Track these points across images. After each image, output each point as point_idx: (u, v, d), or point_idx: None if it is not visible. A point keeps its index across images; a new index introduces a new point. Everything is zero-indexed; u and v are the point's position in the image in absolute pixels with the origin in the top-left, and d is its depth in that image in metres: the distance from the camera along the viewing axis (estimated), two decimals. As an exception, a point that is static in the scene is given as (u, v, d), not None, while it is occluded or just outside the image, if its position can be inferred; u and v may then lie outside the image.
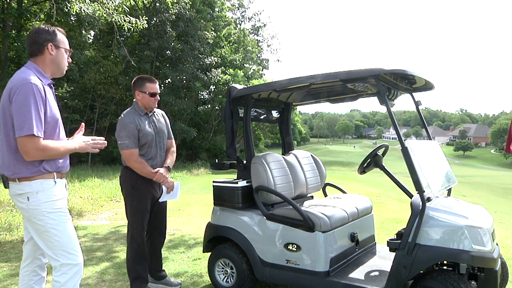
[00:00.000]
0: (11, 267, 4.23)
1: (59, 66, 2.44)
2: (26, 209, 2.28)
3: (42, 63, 2.37)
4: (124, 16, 11.39)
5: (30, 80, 2.20)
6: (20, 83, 2.18)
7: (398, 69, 2.86)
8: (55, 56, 2.38)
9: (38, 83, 2.22)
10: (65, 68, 2.48)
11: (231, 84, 3.80)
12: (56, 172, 2.36)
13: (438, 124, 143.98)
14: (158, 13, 22.28)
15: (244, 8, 35.11)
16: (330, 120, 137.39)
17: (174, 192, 3.51)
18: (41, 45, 2.34)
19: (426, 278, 2.67)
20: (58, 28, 2.44)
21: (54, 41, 2.37)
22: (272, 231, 3.27)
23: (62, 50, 2.41)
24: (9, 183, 2.30)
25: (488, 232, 2.68)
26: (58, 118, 2.36)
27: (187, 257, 4.62)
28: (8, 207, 6.96)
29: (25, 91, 2.16)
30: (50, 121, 2.28)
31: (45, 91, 2.25)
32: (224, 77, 23.78)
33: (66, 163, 2.46)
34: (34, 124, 2.14)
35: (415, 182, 2.69)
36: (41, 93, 2.21)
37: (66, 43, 2.46)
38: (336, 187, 4.45)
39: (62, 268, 2.31)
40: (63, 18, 16.33)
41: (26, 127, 2.13)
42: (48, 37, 2.35)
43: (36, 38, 2.34)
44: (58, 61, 2.41)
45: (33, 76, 2.25)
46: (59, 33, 2.42)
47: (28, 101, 2.15)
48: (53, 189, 2.32)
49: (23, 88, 2.17)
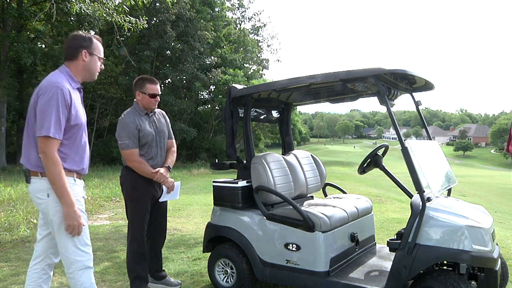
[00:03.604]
0: (11, 267, 4.23)
1: (91, 73, 2.51)
2: (45, 205, 2.34)
3: (74, 68, 2.44)
4: (124, 16, 11.38)
5: (57, 84, 2.27)
6: (48, 86, 2.27)
7: (398, 69, 2.86)
8: (87, 62, 2.45)
9: (65, 88, 2.29)
10: (96, 74, 2.55)
11: (231, 84, 3.79)
12: (76, 173, 2.43)
13: (438, 124, 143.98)
14: (158, 13, 22.28)
15: (244, 8, 35.08)
16: (330, 120, 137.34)
17: (174, 192, 3.51)
18: (75, 50, 2.41)
19: (426, 278, 2.67)
20: (95, 36, 2.51)
21: (88, 48, 2.44)
22: (272, 231, 3.27)
23: (95, 57, 2.48)
24: (31, 178, 2.35)
25: (488, 232, 2.68)
26: (82, 122, 2.43)
27: (187, 257, 4.62)
28: (8, 207, 6.97)
29: (51, 93, 2.24)
30: (74, 125, 2.35)
31: (71, 96, 2.31)
32: (224, 77, 23.77)
33: (86, 165, 2.53)
34: (53, 126, 2.21)
35: (415, 182, 2.69)
36: (65, 98, 2.27)
37: (101, 51, 2.53)
38: (336, 187, 4.45)
39: (73, 265, 2.37)
40: (63, 18, 16.35)
41: (45, 128, 2.20)
42: (84, 43, 2.43)
43: (72, 44, 2.43)
44: (90, 67, 2.48)
45: (63, 80, 2.34)
46: (95, 41, 2.48)
47: (51, 103, 2.22)
48: (73, 188, 2.37)
49: (49, 90, 2.25)
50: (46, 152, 2.22)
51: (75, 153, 2.41)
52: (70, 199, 2.27)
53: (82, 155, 2.46)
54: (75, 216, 2.29)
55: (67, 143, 2.35)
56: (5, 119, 17.31)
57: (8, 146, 19.84)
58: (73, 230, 2.30)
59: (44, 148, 2.22)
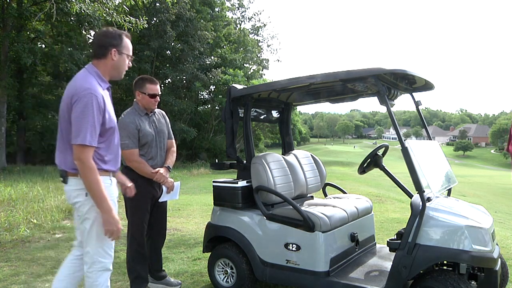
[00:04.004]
0: (11, 267, 4.23)
1: (119, 71, 2.48)
2: (81, 204, 2.35)
3: (103, 67, 2.41)
4: (124, 16, 11.38)
5: (91, 90, 2.25)
6: (82, 92, 2.23)
7: (398, 69, 2.86)
8: (116, 61, 2.41)
9: (98, 94, 2.27)
10: (124, 72, 2.53)
11: (231, 84, 3.79)
12: (112, 172, 2.46)
13: (438, 124, 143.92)
14: (158, 13, 22.28)
15: (244, 8, 35.09)
16: (330, 120, 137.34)
17: (174, 192, 3.51)
18: (105, 49, 2.37)
19: (426, 278, 2.67)
20: (125, 33, 2.47)
21: (118, 47, 2.40)
22: (272, 231, 3.27)
23: (124, 56, 2.44)
24: (68, 179, 2.36)
25: (488, 232, 2.68)
26: (115, 124, 2.44)
27: (187, 257, 4.62)
28: (8, 207, 6.96)
29: (85, 100, 2.21)
30: (109, 128, 2.36)
31: (104, 101, 2.30)
32: (224, 77, 23.77)
33: (119, 164, 2.55)
34: (88, 134, 2.20)
35: (415, 182, 2.69)
36: (99, 104, 2.26)
37: (130, 49, 2.49)
38: (336, 187, 4.45)
39: (96, 265, 2.39)
40: (63, 18, 16.34)
41: (81, 136, 2.19)
42: (114, 42, 2.38)
43: (102, 41, 2.39)
44: (119, 66, 2.45)
45: (95, 83, 2.31)
46: (125, 39, 2.44)
47: (87, 111, 2.21)
48: (109, 188, 2.40)
49: (84, 97, 2.22)
50: (82, 159, 2.22)
51: (111, 154, 2.43)
52: (108, 205, 2.27)
53: (116, 155, 2.49)
54: (113, 221, 2.29)
55: (104, 145, 2.37)
56: (5, 119, 17.30)
57: (8, 146, 19.84)
58: (112, 235, 2.32)
59: (80, 156, 2.22)
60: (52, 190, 9.19)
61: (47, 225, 6.12)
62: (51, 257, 4.60)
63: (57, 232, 5.82)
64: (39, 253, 4.74)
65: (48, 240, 5.41)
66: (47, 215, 6.51)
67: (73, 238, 5.46)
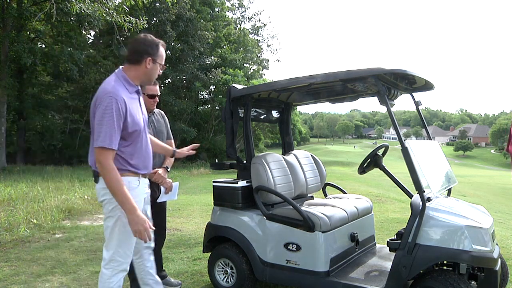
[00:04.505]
0: (11, 267, 4.23)
1: (150, 79, 2.53)
2: (107, 202, 2.39)
3: (134, 72, 2.44)
4: (124, 16, 11.39)
5: (111, 93, 2.27)
6: (104, 95, 2.27)
7: (398, 69, 2.86)
8: (149, 69, 2.44)
9: (119, 97, 2.28)
10: (154, 79, 2.60)
11: (231, 84, 3.79)
12: (141, 174, 2.49)
13: (438, 124, 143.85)
14: (158, 13, 22.30)
15: (244, 8, 35.11)
16: (330, 120, 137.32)
17: (172, 193, 3.51)
18: (140, 56, 2.40)
19: (426, 278, 2.67)
20: (161, 42, 2.49)
21: (153, 56, 2.42)
22: (272, 231, 3.27)
23: (157, 64, 2.47)
24: (99, 178, 2.40)
25: (488, 232, 2.68)
26: (141, 126, 2.45)
27: (187, 257, 4.62)
28: (8, 207, 6.97)
29: (105, 104, 2.25)
30: (132, 132, 2.38)
31: (126, 104, 2.31)
32: (224, 77, 23.78)
33: (150, 165, 2.60)
34: (108, 137, 2.23)
35: (415, 182, 2.69)
36: (120, 107, 2.27)
37: (163, 58, 2.51)
38: (336, 187, 4.45)
39: (113, 263, 2.42)
40: (63, 18, 16.34)
41: (100, 139, 2.23)
42: (150, 50, 2.41)
43: (138, 48, 2.41)
44: (151, 74, 2.48)
45: (119, 86, 2.34)
46: (161, 48, 2.47)
47: (106, 114, 2.24)
48: (136, 190, 2.45)
49: (104, 100, 2.25)
50: (101, 162, 2.24)
51: (138, 156, 2.46)
52: (131, 205, 2.26)
53: (145, 156, 2.52)
54: (139, 221, 2.27)
55: (129, 149, 2.40)
56: (5, 119, 17.31)
57: (8, 146, 19.84)
58: (140, 235, 2.29)
59: (99, 158, 2.25)
60: (52, 190, 9.20)
61: (47, 225, 6.12)
62: (51, 257, 4.60)
63: (57, 232, 5.82)
64: (39, 253, 4.74)
65: (48, 240, 5.41)
66: (47, 215, 6.52)
67: (73, 238, 5.49)
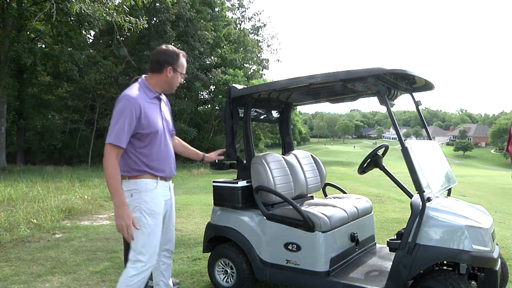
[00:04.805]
0: (11, 267, 4.23)
1: (171, 87, 2.68)
2: (128, 204, 2.45)
3: (156, 80, 2.60)
4: (124, 16, 11.39)
5: (127, 96, 2.44)
6: (121, 97, 2.46)
7: (398, 69, 2.86)
8: (170, 78, 2.60)
9: (135, 100, 2.43)
10: (175, 88, 2.73)
11: (231, 84, 3.79)
12: (159, 176, 2.59)
13: (438, 124, 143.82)
14: (158, 13, 22.30)
15: (244, 8, 35.10)
16: (330, 120, 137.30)
17: None
18: (161, 65, 2.57)
19: (426, 278, 2.67)
20: (182, 53, 2.65)
21: (174, 65, 2.58)
22: (272, 231, 3.27)
23: (178, 73, 2.63)
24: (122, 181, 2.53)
25: (488, 232, 2.68)
26: (158, 129, 2.55)
27: (187, 257, 4.62)
28: (8, 207, 6.97)
29: (120, 105, 2.42)
30: (148, 133, 2.50)
31: (141, 107, 2.44)
32: (224, 77, 23.78)
33: (170, 168, 2.68)
34: (115, 134, 2.38)
35: (415, 182, 2.69)
36: (133, 109, 2.41)
37: (184, 68, 2.67)
38: (336, 187, 4.45)
39: (137, 263, 2.52)
40: (63, 18, 16.35)
41: (110, 136, 2.39)
42: (170, 60, 2.57)
43: (159, 58, 2.58)
44: (172, 82, 2.64)
45: (138, 91, 2.50)
46: (182, 58, 2.63)
47: (118, 114, 2.40)
48: (154, 192, 2.55)
49: (120, 101, 2.44)
50: (106, 156, 2.39)
51: (157, 158, 2.56)
52: (120, 199, 2.37)
53: (164, 159, 2.61)
54: (123, 216, 2.36)
55: (146, 150, 2.53)
56: (5, 119, 17.31)
57: (8, 146, 19.83)
58: (121, 230, 2.38)
59: (105, 153, 2.39)
60: (52, 190, 9.20)
61: (47, 225, 6.12)
62: (51, 257, 4.60)
63: (57, 232, 5.82)
64: (39, 253, 4.75)
65: (48, 240, 5.41)
66: (47, 215, 6.52)
67: (73, 238, 5.49)
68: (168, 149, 2.67)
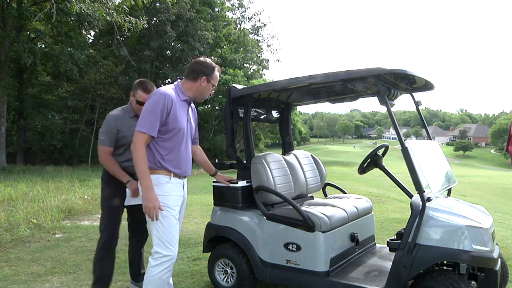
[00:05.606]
0: (11, 267, 4.23)
1: (202, 96, 2.86)
2: None
3: (189, 86, 2.79)
4: (124, 16, 11.39)
5: (162, 91, 2.63)
6: (156, 91, 2.66)
7: (398, 69, 2.86)
8: (203, 87, 2.79)
9: (168, 96, 2.61)
10: (205, 97, 2.91)
11: (231, 84, 3.79)
12: (173, 172, 2.70)
13: (438, 124, 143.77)
14: (158, 13, 22.31)
15: (244, 8, 35.11)
16: (330, 120, 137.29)
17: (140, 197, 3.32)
18: (197, 74, 2.76)
19: (426, 278, 2.67)
20: (217, 67, 2.84)
21: (208, 76, 2.78)
22: (272, 231, 3.27)
23: (210, 84, 2.81)
24: None
25: (488, 232, 2.68)
26: (182, 128, 2.71)
27: (187, 257, 4.63)
28: (8, 207, 6.97)
29: (153, 97, 2.62)
30: (172, 129, 2.65)
31: (172, 102, 2.62)
32: (224, 77, 23.77)
33: (186, 168, 2.80)
34: (147, 123, 2.56)
35: (415, 182, 2.69)
36: (165, 102, 2.59)
37: (217, 80, 2.85)
38: (336, 187, 4.45)
39: (156, 255, 2.63)
40: (63, 18, 16.35)
41: (143, 125, 2.57)
42: (206, 71, 2.77)
43: (196, 67, 2.78)
44: (203, 91, 2.83)
45: (172, 90, 2.69)
46: (216, 72, 2.82)
47: (152, 105, 2.58)
48: (166, 186, 2.67)
49: (154, 95, 2.63)
50: (135, 142, 2.56)
51: (174, 154, 2.70)
52: (148, 182, 2.53)
53: (181, 157, 2.75)
54: (151, 198, 2.51)
55: (166, 145, 2.67)
56: (5, 119, 17.31)
57: (8, 146, 19.84)
58: (148, 211, 2.53)
59: (135, 139, 2.56)
60: (52, 190, 9.20)
61: (47, 225, 6.12)
62: (51, 257, 4.60)
63: (57, 232, 5.82)
64: (39, 253, 4.74)
65: (48, 240, 5.41)
66: (47, 215, 6.51)
67: (73, 238, 5.49)
68: (188, 150, 2.83)
